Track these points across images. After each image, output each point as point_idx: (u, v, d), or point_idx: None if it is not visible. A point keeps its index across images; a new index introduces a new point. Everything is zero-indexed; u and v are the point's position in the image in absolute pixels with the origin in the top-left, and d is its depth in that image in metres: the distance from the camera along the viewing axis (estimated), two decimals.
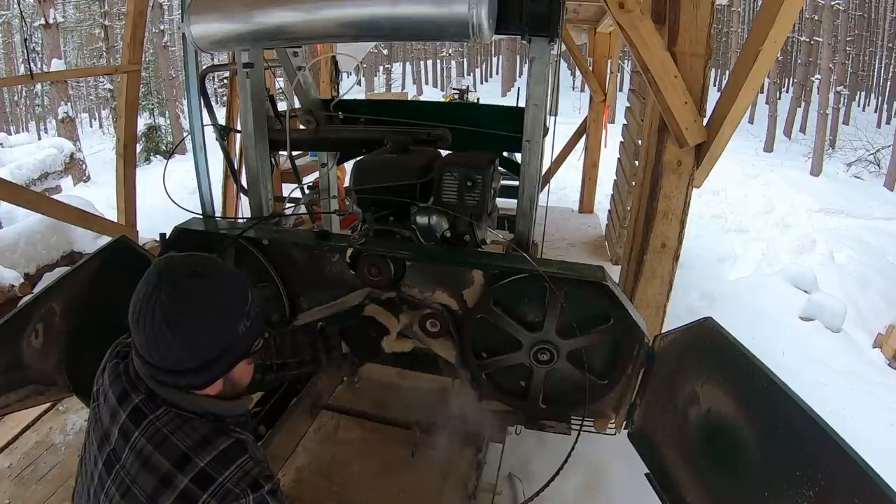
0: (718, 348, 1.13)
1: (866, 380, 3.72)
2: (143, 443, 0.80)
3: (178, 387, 0.84)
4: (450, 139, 1.85)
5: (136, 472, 0.79)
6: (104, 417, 0.86)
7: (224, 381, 0.89)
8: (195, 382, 0.85)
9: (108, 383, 0.87)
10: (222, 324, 0.85)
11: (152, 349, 0.81)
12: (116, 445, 0.82)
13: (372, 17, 1.39)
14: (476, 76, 30.10)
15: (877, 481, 0.73)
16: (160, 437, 0.81)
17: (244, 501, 0.79)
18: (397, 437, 2.12)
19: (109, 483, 0.81)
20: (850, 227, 7.33)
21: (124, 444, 0.81)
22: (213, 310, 0.83)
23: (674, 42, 1.78)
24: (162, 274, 0.82)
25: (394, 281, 1.55)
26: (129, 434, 0.82)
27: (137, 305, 0.82)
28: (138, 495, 0.78)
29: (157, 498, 0.77)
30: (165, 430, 0.81)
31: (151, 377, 0.84)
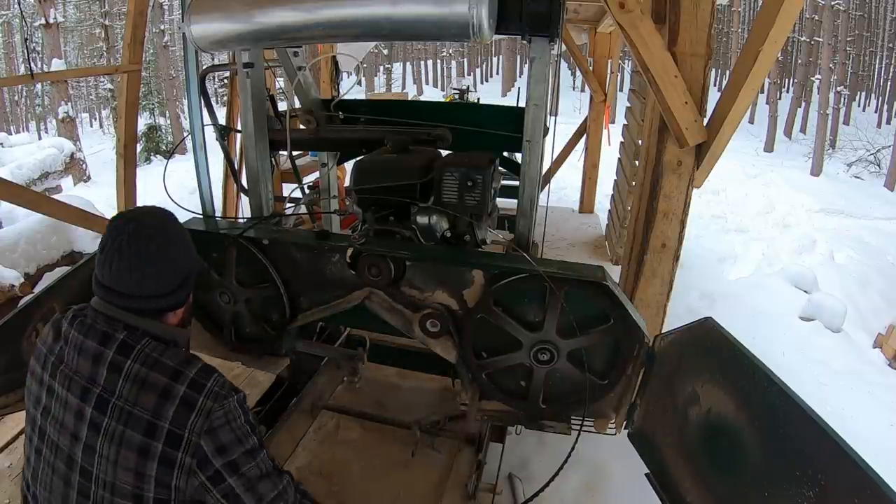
0: (718, 348, 1.13)
1: (866, 380, 3.72)
2: (138, 367, 0.92)
3: (157, 311, 0.99)
4: (450, 139, 1.86)
5: (134, 395, 0.90)
6: (82, 368, 0.94)
7: (183, 312, 1.05)
8: (170, 303, 1.00)
9: (81, 337, 0.95)
10: (185, 251, 1.03)
11: (134, 281, 0.95)
12: (107, 383, 0.92)
13: (372, 17, 1.40)
14: (476, 76, 30.11)
15: (876, 481, 0.73)
16: (151, 360, 0.93)
17: (230, 400, 0.94)
18: (397, 437, 2.11)
19: (106, 421, 0.90)
20: (851, 227, 7.32)
21: (117, 376, 0.92)
22: (175, 240, 1.01)
23: (674, 42, 1.78)
24: (126, 224, 0.97)
25: (394, 281, 1.55)
26: (120, 366, 0.92)
27: (111, 252, 0.95)
28: (141, 415, 0.90)
29: (160, 410, 0.90)
30: (154, 354, 0.94)
31: (131, 310, 0.97)
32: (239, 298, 1.78)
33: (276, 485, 0.99)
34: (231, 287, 1.75)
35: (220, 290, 1.76)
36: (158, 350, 0.95)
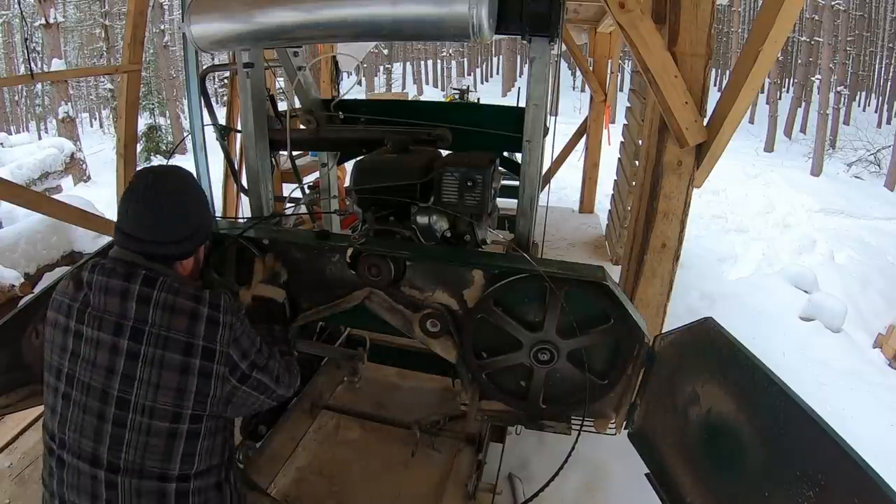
0: (719, 348, 1.13)
1: (866, 380, 3.72)
2: (164, 296, 1.02)
3: (165, 258, 1.09)
4: (450, 139, 1.86)
5: (168, 320, 1.01)
6: (111, 306, 1.02)
7: (194, 263, 1.17)
8: (179, 251, 1.11)
9: (105, 279, 1.04)
10: (198, 205, 1.16)
11: (147, 226, 1.07)
12: (138, 314, 1.01)
13: (372, 17, 1.40)
14: (476, 76, 30.11)
15: (876, 481, 0.74)
16: (175, 289, 1.04)
17: (241, 313, 1.11)
18: (397, 438, 2.12)
19: (144, 349, 1.00)
20: (851, 227, 7.33)
21: (147, 307, 1.01)
22: (190, 193, 1.14)
23: (674, 42, 1.78)
24: (148, 173, 1.10)
25: (394, 281, 1.55)
26: (148, 297, 1.02)
27: (130, 197, 1.08)
28: (177, 337, 1.01)
29: (192, 330, 1.02)
30: (175, 284, 1.05)
31: (145, 254, 1.07)
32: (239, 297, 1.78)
33: (276, 359, 1.19)
34: (231, 286, 1.75)
35: (222, 290, 1.75)
36: (178, 283, 1.06)
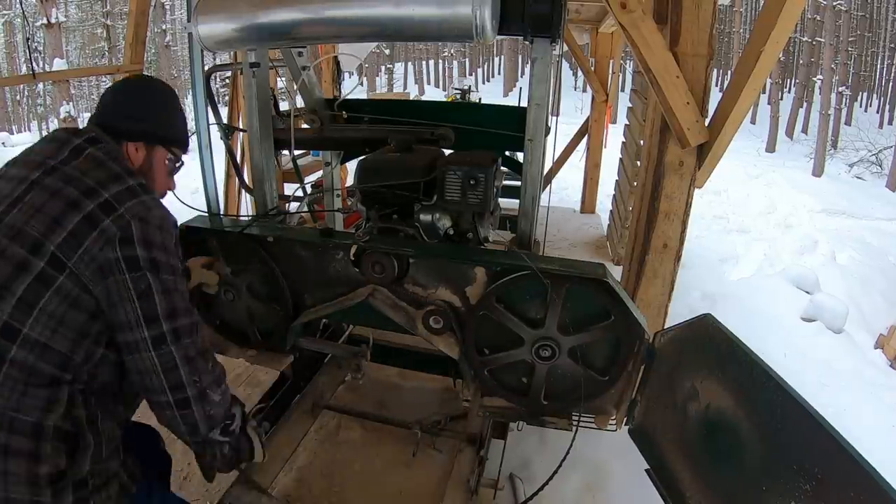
0: (717, 344, 1.14)
1: (868, 381, 3.72)
2: (67, 171, 1.01)
3: (116, 131, 1.10)
4: (452, 138, 1.87)
5: (42, 201, 0.98)
6: (23, 165, 1.05)
7: (145, 159, 1.15)
8: (131, 128, 1.12)
9: (44, 143, 1.09)
10: (175, 108, 1.19)
11: (113, 99, 1.14)
12: (60, 163, 1.02)
13: (376, 18, 1.41)
14: (478, 76, 30.10)
15: (872, 474, 0.75)
16: (88, 168, 1.02)
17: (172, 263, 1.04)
18: (399, 437, 2.12)
19: (40, 176, 1.00)
20: (852, 228, 7.32)
21: (41, 175, 1.00)
22: (164, 95, 1.19)
23: (676, 42, 1.79)
24: (139, 74, 1.19)
25: (397, 278, 1.57)
26: (50, 164, 1.02)
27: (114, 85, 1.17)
28: (33, 231, 0.96)
29: (57, 224, 0.96)
30: (97, 162, 1.03)
31: (103, 125, 1.10)
32: (243, 295, 1.79)
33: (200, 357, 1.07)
34: (235, 284, 1.77)
35: (225, 288, 1.77)
36: (107, 160, 1.04)
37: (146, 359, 0.99)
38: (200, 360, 1.04)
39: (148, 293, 0.98)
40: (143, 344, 0.98)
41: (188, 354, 1.01)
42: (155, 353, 0.98)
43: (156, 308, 0.98)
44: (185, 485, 1.93)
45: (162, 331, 0.99)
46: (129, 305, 0.97)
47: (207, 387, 1.05)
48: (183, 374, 1.01)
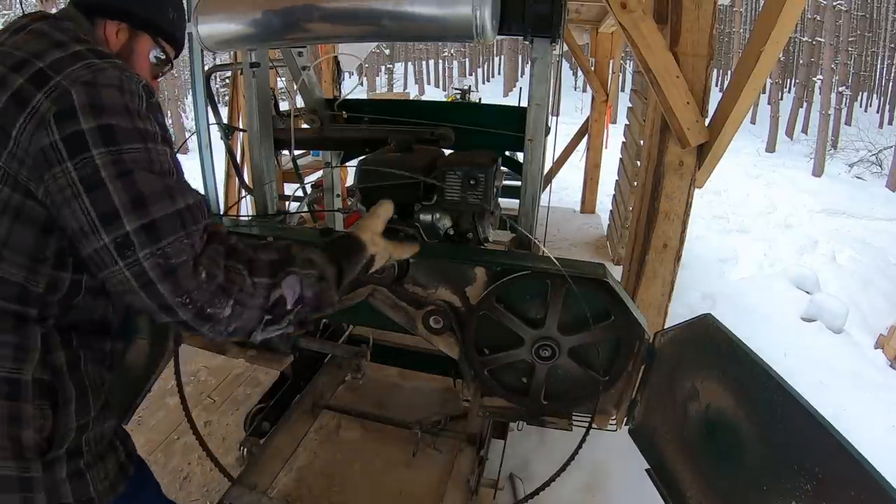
0: (717, 344, 1.14)
1: (868, 381, 3.72)
2: (19, 38, 0.79)
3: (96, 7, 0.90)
4: (453, 138, 1.87)
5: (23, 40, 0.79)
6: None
7: (125, 45, 0.94)
8: (117, 4, 0.91)
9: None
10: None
11: None
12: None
13: (376, 18, 1.41)
14: (478, 76, 30.11)
15: (873, 474, 0.75)
16: (46, 29, 0.80)
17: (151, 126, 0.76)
18: (399, 437, 2.13)
19: None
20: (852, 228, 7.32)
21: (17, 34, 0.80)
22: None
23: (676, 42, 1.79)
24: None
25: (397, 278, 1.56)
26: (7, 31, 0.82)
27: None
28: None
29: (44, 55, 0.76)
30: (59, 27, 0.81)
31: (76, 2, 0.90)
32: None
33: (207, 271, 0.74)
34: None
35: None
36: (71, 31, 0.82)
37: (116, 274, 0.70)
38: (189, 269, 0.71)
39: (97, 180, 0.69)
40: (107, 255, 0.69)
41: (168, 264, 0.69)
42: (124, 265, 0.69)
43: (111, 199, 0.68)
44: (185, 485, 1.93)
45: (125, 231, 0.68)
46: (78, 204, 0.69)
47: (207, 304, 0.72)
48: (166, 295, 0.70)
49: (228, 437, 2.16)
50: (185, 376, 2.51)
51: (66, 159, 0.69)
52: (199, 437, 1.74)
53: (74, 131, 0.69)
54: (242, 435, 1.95)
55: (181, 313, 0.72)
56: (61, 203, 0.71)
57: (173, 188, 0.73)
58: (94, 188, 0.69)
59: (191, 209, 0.74)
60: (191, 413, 1.74)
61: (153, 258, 0.69)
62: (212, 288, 0.73)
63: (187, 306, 0.72)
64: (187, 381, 2.50)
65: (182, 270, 0.70)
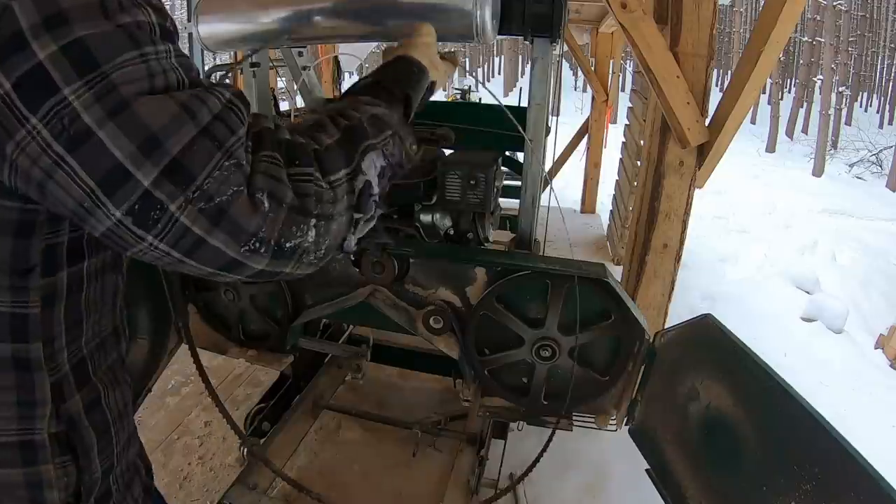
0: (718, 345, 1.14)
1: (868, 381, 3.73)
2: None
3: None
4: (453, 138, 1.87)
5: None
6: None
7: None
8: None
9: None
10: None
11: None
12: None
13: (377, 18, 1.41)
14: (478, 76, 30.12)
15: (873, 474, 0.75)
16: None
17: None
18: (399, 438, 2.13)
19: None
20: (853, 228, 7.32)
21: None
22: None
23: (676, 42, 1.79)
24: None
25: (398, 278, 1.57)
26: None
27: None
28: None
29: None
30: None
31: None
32: (243, 295, 1.80)
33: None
34: (236, 284, 1.77)
35: (225, 288, 1.77)
36: None
37: (148, 251, 0.50)
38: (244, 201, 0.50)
39: (81, 131, 0.45)
40: (126, 232, 0.48)
41: (213, 207, 0.48)
42: (154, 238, 0.48)
43: (108, 152, 0.45)
44: (185, 485, 1.93)
45: (141, 189, 0.46)
46: (63, 173, 0.46)
47: (284, 237, 0.53)
48: (224, 249, 0.50)
49: (228, 437, 2.16)
50: (185, 376, 2.51)
51: (28, 116, 0.45)
52: (210, 388, 1.72)
53: (30, 69, 0.44)
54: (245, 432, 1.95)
55: (253, 263, 0.52)
56: (41, 181, 0.47)
57: (190, 100, 0.49)
58: (80, 144, 0.45)
59: (222, 117, 0.50)
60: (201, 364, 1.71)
61: (191, 207, 0.48)
62: (282, 214, 0.52)
63: (259, 252, 0.52)
64: (187, 381, 2.50)
65: (236, 207, 0.49)
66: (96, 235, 0.51)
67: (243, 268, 0.53)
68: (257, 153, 0.53)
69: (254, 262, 0.52)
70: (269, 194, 0.51)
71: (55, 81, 0.45)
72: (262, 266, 0.53)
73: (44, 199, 0.50)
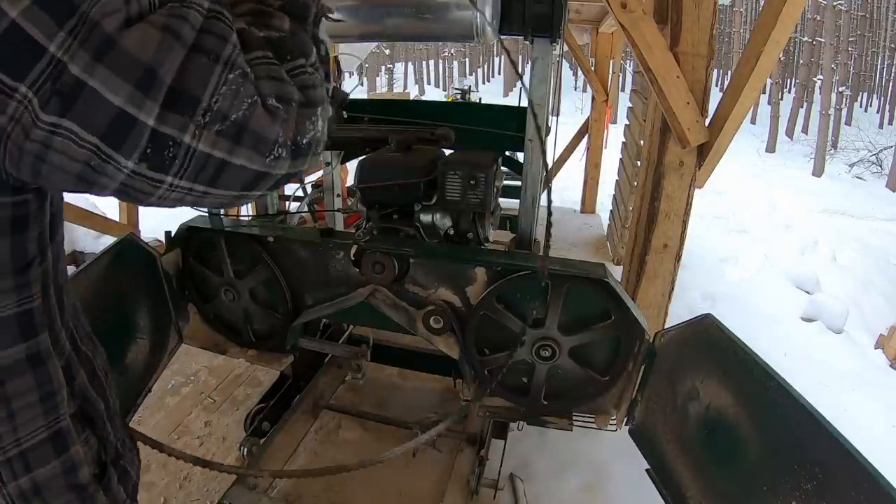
0: (718, 344, 1.14)
1: (868, 381, 3.72)
2: None
3: None
4: (453, 138, 1.87)
5: None
6: None
7: None
8: None
9: None
10: None
11: None
12: None
13: (377, 18, 1.41)
14: (478, 76, 30.12)
15: (873, 473, 0.75)
16: None
17: None
18: (399, 438, 2.12)
19: None
20: (853, 228, 7.32)
21: None
22: None
23: (676, 42, 1.79)
24: None
25: (398, 278, 1.57)
26: None
27: None
28: None
29: None
30: None
31: None
32: (243, 295, 1.80)
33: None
34: (236, 284, 1.77)
35: (225, 288, 1.77)
36: None
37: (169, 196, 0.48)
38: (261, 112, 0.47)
39: (73, 86, 0.41)
40: (143, 182, 0.46)
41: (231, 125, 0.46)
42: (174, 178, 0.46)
43: (106, 101, 0.42)
44: (185, 485, 1.93)
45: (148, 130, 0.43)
46: (62, 140, 0.43)
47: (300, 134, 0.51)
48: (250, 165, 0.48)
49: (228, 437, 2.16)
50: (185, 376, 2.51)
51: (13, 85, 0.40)
52: None
53: (4, 31, 0.39)
54: (242, 435, 1.95)
55: (277, 170, 0.50)
56: (38, 154, 0.43)
57: (169, 20, 0.43)
58: (73, 100, 0.41)
59: (208, 29, 0.45)
60: None
61: (206, 133, 0.44)
62: (294, 113, 0.50)
63: (281, 157, 0.50)
64: (187, 381, 2.50)
65: (255, 120, 0.46)
66: (108, 193, 0.48)
67: (267, 179, 0.51)
68: (249, 57, 0.49)
69: (278, 168, 0.50)
70: (279, 97, 0.49)
71: (37, 41, 0.40)
72: (284, 170, 0.51)
73: (38, 178, 0.46)
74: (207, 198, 0.50)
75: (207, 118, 0.44)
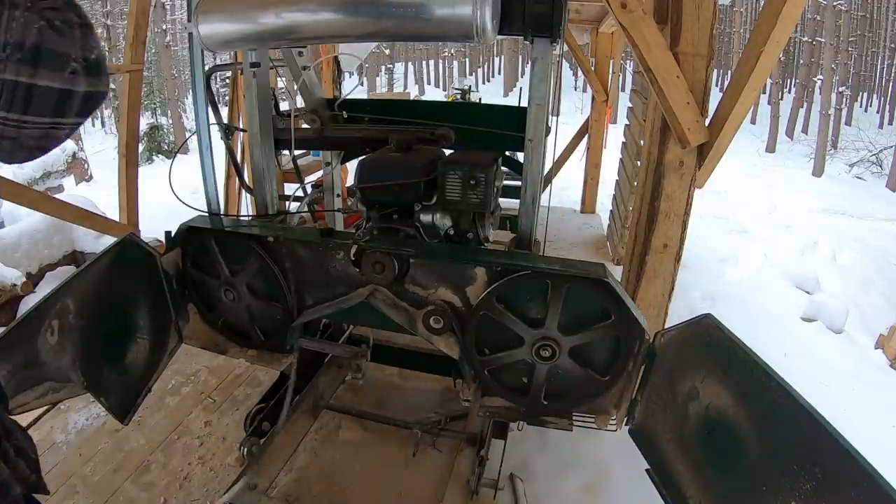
0: (718, 344, 1.14)
1: (868, 381, 3.72)
2: None
3: None
4: (453, 138, 1.87)
5: None
6: None
7: None
8: None
9: None
10: None
11: None
12: None
13: (377, 18, 1.41)
14: (478, 76, 30.10)
15: (872, 473, 0.75)
16: None
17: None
18: (399, 437, 2.12)
19: None
20: (853, 228, 7.33)
21: None
22: None
23: (676, 42, 1.79)
24: None
25: (398, 278, 1.57)
26: None
27: None
28: None
29: None
30: None
31: None
32: (244, 295, 1.80)
33: None
34: (236, 284, 1.77)
35: (226, 288, 1.77)
36: None
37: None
38: (52, 35, 0.54)
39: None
40: None
41: (35, 49, 0.52)
42: None
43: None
44: (185, 485, 1.93)
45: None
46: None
47: (87, 49, 0.57)
48: (50, 82, 0.54)
49: (228, 437, 2.16)
50: (185, 376, 2.51)
51: None
52: None
53: None
54: (242, 435, 1.95)
55: (77, 86, 0.57)
56: None
57: None
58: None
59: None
60: None
61: (10, 64, 0.52)
62: (77, 31, 0.57)
63: (77, 74, 0.57)
64: (187, 381, 2.50)
65: (48, 41, 0.53)
66: None
67: (73, 98, 0.56)
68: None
69: (77, 84, 0.56)
70: (62, 21, 0.54)
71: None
72: (83, 87, 0.56)
73: None
74: (24, 128, 0.54)
75: (8, 51, 0.50)
